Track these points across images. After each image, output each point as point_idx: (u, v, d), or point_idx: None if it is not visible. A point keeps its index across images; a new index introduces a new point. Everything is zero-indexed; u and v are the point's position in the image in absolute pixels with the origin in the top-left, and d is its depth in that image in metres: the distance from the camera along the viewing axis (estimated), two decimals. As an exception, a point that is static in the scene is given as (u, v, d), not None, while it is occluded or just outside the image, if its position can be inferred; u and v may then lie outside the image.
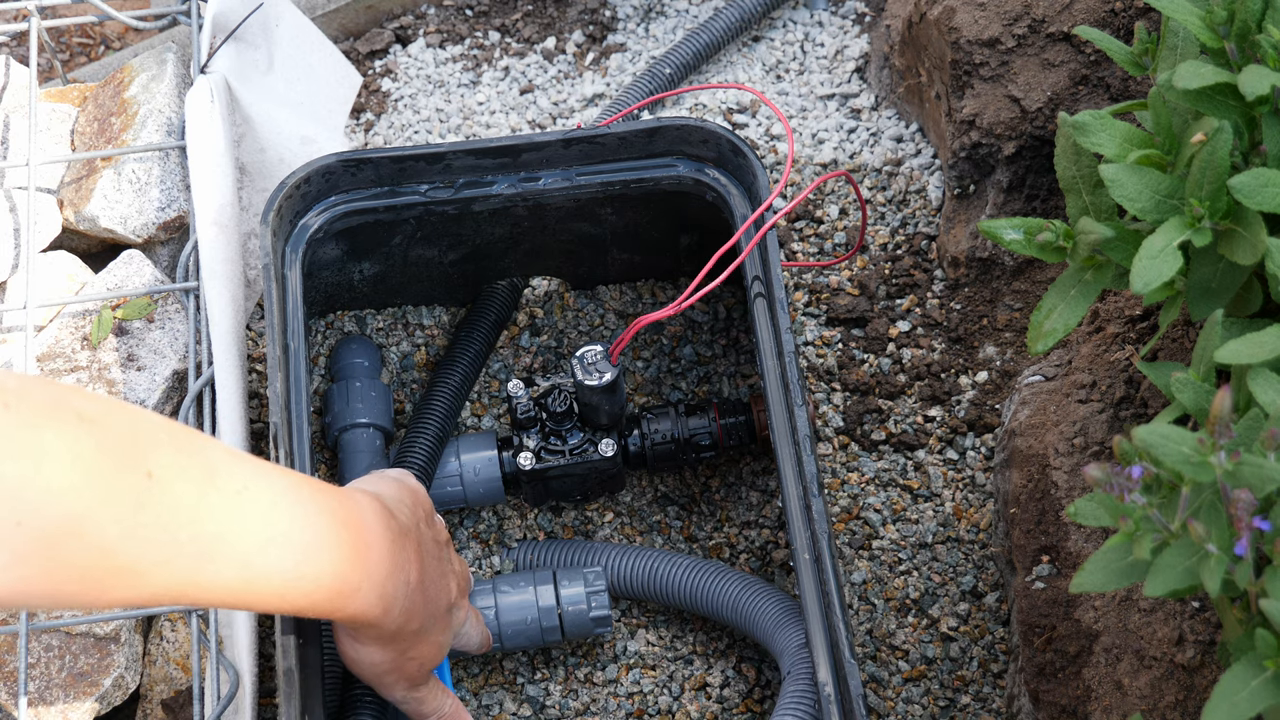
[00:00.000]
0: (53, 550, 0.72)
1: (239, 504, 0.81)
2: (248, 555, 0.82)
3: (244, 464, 0.83)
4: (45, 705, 1.04)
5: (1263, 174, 0.77)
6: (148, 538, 0.76)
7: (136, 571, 0.76)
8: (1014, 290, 1.24)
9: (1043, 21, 1.19)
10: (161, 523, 0.77)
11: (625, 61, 1.42)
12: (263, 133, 1.22)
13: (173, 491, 0.77)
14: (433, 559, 0.96)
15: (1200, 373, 0.77)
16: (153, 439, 0.78)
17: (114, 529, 0.74)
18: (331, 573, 0.86)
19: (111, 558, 0.75)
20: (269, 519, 0.83)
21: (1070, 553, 0.98)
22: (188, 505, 0.78)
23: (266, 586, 0.84)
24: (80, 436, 0.73)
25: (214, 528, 0.80)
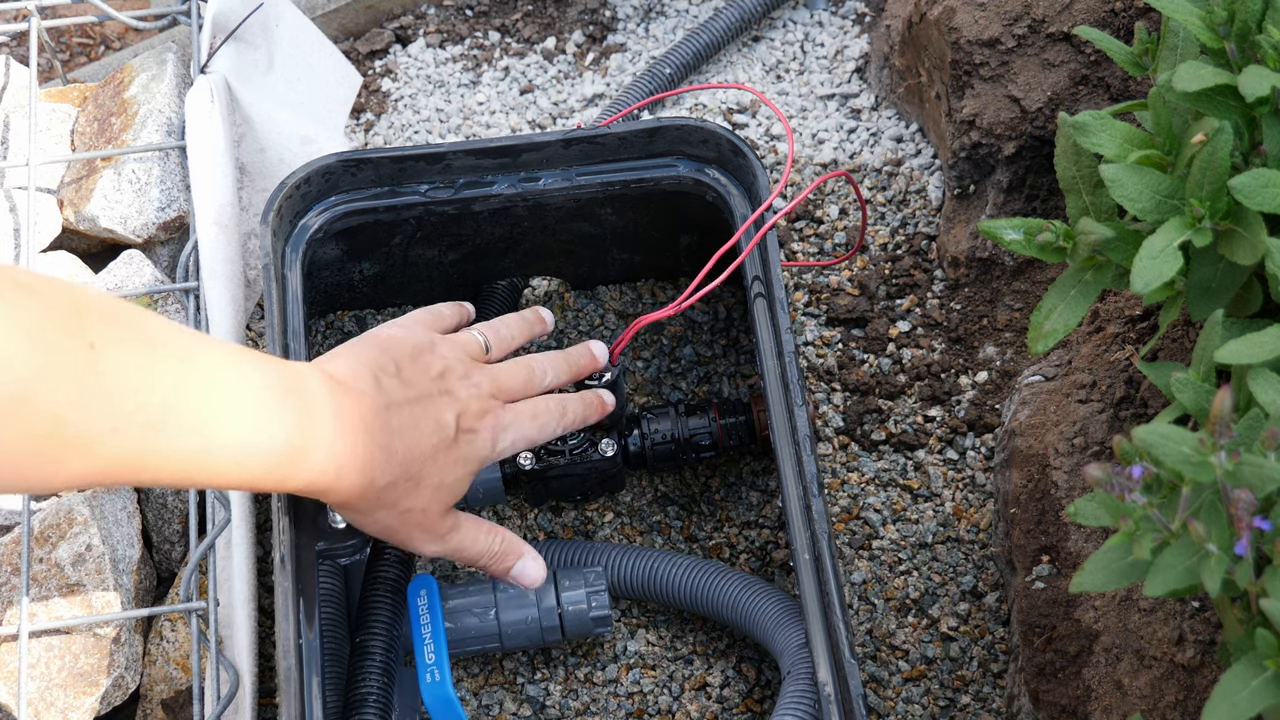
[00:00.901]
0: (4, 420, 0.73)
1: (184, 373, 0.82)
2: (197, 424, 0.82)
3: (184, 335, 0.84)
4: (45, 705, 1.04)
5: (1263, 174, 0.77)
6: (96, 406, 0.77)
7: (88, 441, 0.77)
8: (1014, 290, 1.24)
9: (1043, 21, 1.19)
10: (108, 391, 0.77)
11: (625, 61, 1.42)
12: (263, 133, 1.22)
13: (116, 360, 0.78)
14: (399, 408, 0.94)
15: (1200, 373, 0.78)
16: (93, 309, 0.78)
17: (62, 396, 0.75)
18: (282, 439, 0.86)
19: (63, 427, 0.75)
20: (215, 387, 0.84)
21: (1070, 553, 0.98)
22: (132, 374, 0.79)
23: (221, 456, 0.84)
24: (22, 305, 0.74)
25: (160, 397, 0.80)
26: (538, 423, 1.02)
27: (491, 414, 0.99)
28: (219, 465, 0.85)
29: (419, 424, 0.95)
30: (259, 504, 1.14)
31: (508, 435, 1.00)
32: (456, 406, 0.97)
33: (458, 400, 0.98)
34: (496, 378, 1.01)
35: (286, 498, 1.01)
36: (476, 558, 1.00)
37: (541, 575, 1.03)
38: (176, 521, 1.14)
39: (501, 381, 1.01)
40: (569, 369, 1.07)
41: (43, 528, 1.09)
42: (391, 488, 0.93)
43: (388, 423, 0.93)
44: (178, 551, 1.14)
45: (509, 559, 1.02)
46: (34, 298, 0.75)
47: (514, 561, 1.02)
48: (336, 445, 0.90)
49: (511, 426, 1.00)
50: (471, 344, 1.03)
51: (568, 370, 1.07)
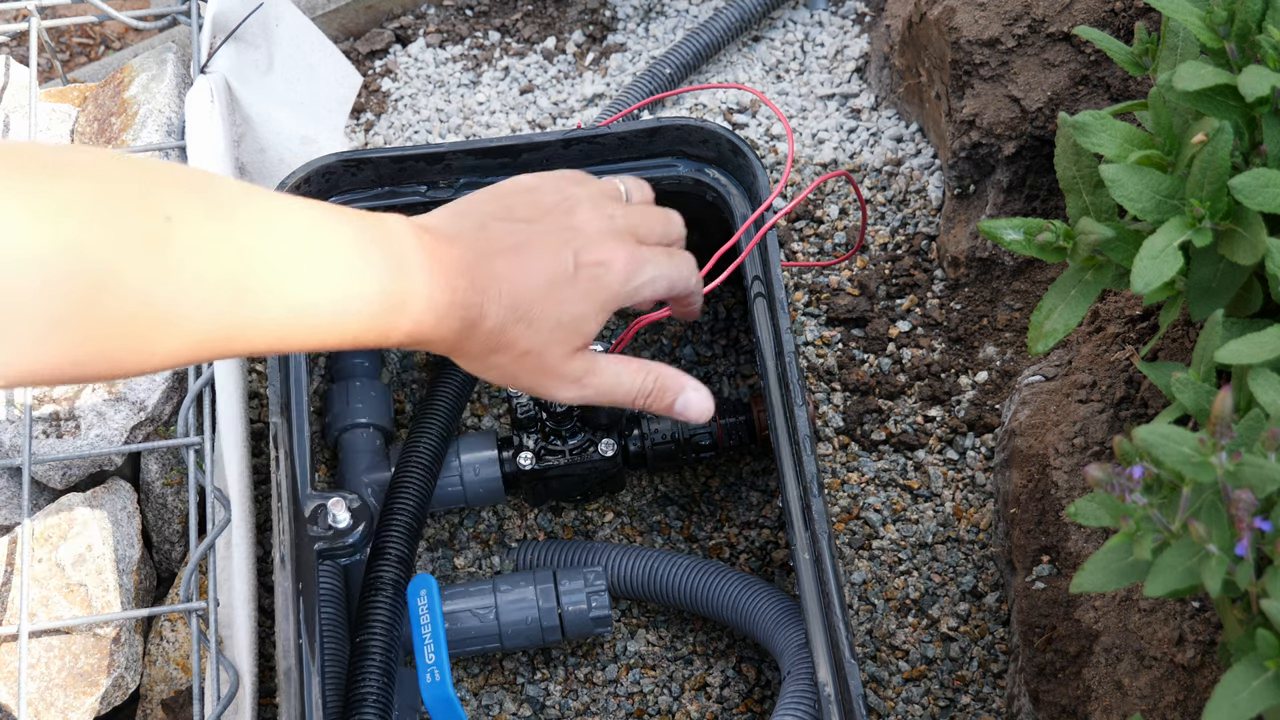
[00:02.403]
0: (89, 307, 0.69)
1: (266, 236, 0.77)
2: (286, 288, 0.78)
3: (260, 197, 0.80)
4: (45, 705, 1.04)
5: (1263, 174, 0.77)
6: (180, 280, 0.73)
7: (177, 317, 0.73)
8: (1014, 290, 1.24)
9: (1043, 21, 1.19)
10: (190, 264, 0.73)
11: (625, 61, 1.42)
12: (263, 133, 1.22)
13: (195, 231, 0.73)
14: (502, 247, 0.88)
15: (1200, 373, 0.77)
16: (163, 181, 0.75)
17: (144, 275, 0.71)
18: (376, 291, 0.81)
19: (150, 305, 0.72)
20: (299, 248, 0.79)
21: (1070, 553, 0.98)
22: (213, 243, 0.74)
23: (314, 317, 0.79)
24: (91, 188, 0.70)
25: (245, 263, 0.76)
26: (676, 263, 0.94)
27: (625, 247, 0.91)
28: (313, 326, 0.80)
29: (527, 261, 0.88)
30: (259, 504, 1.14)
31: (646, 270, 0.91)
32: (578, 239, 0.89)
33: (579, 233, 0.90)
34: (634, 214, 0.93)
35: (288, 497, 1.01)
36: (629, 398, 0.92)
37: (710, 407, 0.94)
38: (176, 521, 1.14)
39: (641, 219, 0.94)
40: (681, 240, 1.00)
41: (43, 528, 1.09)
42: (500, 330, 0.86)
43: (490, 264, 0.87)
44: (178, 551, 1.14)
45: (668, 394, 0.94)
46: (103, 180, 0.71)
47: (675, 396, 0.94)
48: (433, 292, 0.84)
49: (650, 262, 0.92)
50: (608, 185, 0.96)
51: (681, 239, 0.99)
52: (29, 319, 0.67)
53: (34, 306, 0.67)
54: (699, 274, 0.97)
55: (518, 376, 0.89)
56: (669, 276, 0.93)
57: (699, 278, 0.97)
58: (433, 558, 1.17)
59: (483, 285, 0.86)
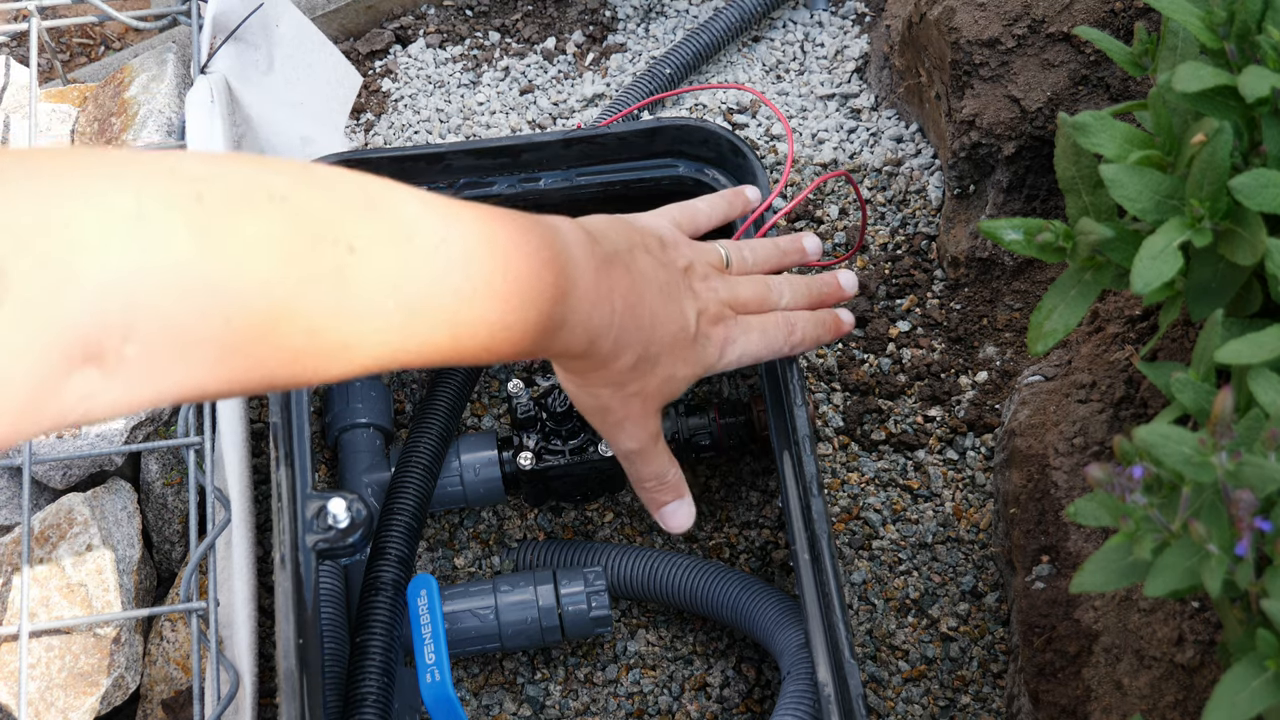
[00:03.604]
0: (261, 341, 0.69)
1: (438, 260, 0.77)
2: (455, 312, 0.78)
3: (436, 213, 0.79)
4: (45, 705, 1.04)
5: (1263, 174, 0.77)
6: (355, 312, 0.73)
7: (346, 346, 0.73)
8: (1014, 290, 1.24)
9: (1043, 21, 1.19)
10: (367, 295, 0.73)
11: (625, 61, 1.42)
12: (263, 133, 1.22)
13: (374, 261, 0.73)
14: (653, 286, 0.91)
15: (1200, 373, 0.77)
16: (348, 206, 0.74)
17: (320, 309, 0.71)
18: (537, 314, 0.83)
19: (320, 337, 0.72)
20: (470, 271, 0.79)
21: (1070, 553, 0.98)
22: (391, 272, 0.74)
23: (474, 340, 0.80)
24: (276, 220, 0.69)
25: (418, 289, 0.76)
26: (765, 338, 0.99)
27: (724, 322, 0.96)
28: (471, 348, 0.80)
29: (668, 308, 0.92)
30: (259, 504, 1.14)
31: (735, 348, 0.97)
32: (698, 304, 0.94)
33: (698, 299, 0.95)
34: (733, 287, 0.98)
35: (288, 497, 1.01)
36: (652, 475, 0.98)
37: (689, 524, 1.01)
38: (176, 521, 1.14)
39: (738, 292, 0.98)
40: (808, 294, 1.04)
41: (43, 528, 1.09)
42: (632, 368, 0.90)
43: (643, 299, 0.90)
44: (178, 551, 1.14)
45: (673, 494, 1.00)
46: (288, 209, 0.70)
47: (674, 499, 1.00)
48: (593, 316, 0.86)
49: (740, 340, 0.97)
50: (712, 252, 1.00)
51: (807, 295, 1.04)
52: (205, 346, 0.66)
53: (211, 336, 0.67)
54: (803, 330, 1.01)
55: (610, 411, 0.94)
56: (755, 354, 0.98)
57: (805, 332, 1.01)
58: (433, 558, 1.17)
59: (635, 316, 0.89)
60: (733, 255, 1.01)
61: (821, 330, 1.03)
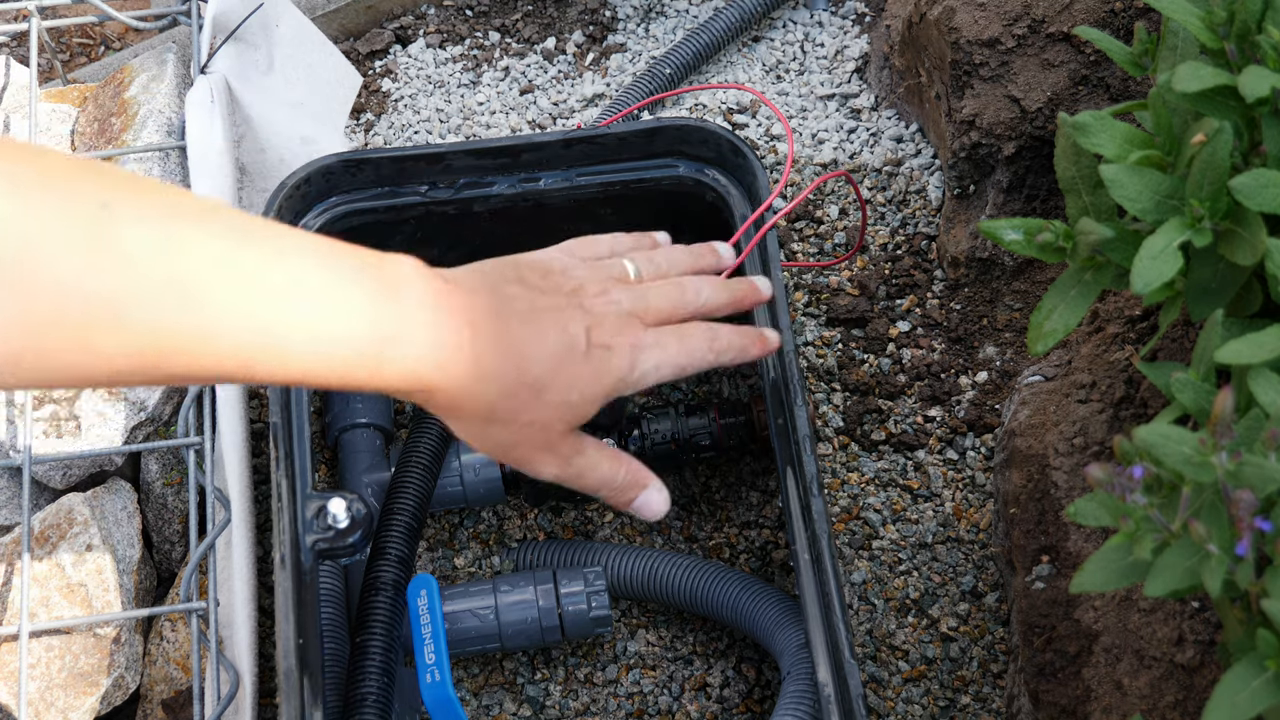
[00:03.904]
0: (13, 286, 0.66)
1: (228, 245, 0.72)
2: (251, 303, 0.72)
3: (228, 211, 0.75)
4: (45, 705, 1.04)
5: (1263, 174, 0.77)
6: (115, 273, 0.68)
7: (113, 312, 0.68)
8: (1014, 290, 1.24)
9: (1043, 21, 1.19)
10: (128, 257, 0.68)
11: (625, 61, 1.42)
12: (263, 133, 1.22)
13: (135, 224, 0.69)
14: (518, 311, 0.85)
15: (1200, 373, 0.77)
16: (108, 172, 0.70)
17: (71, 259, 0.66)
18: (366, 321, 0.77)
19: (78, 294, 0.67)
20: (270, 261, 0.73)
21: (1070, 553, 0.98)
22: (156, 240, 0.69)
23: (287, 341, 0.74)
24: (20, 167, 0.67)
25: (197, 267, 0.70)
26: (685, 345, 0.91)
27: (630, 331, 0.89)
28: (287, 352, 0.74)
29: (541, 330, 0.85)
30: (259, 504, 1.14)
31: (650, 356, 0.89)
32: (587, 319, 0.87)
33: (589, 314, 0.88)
34: (640, 295, 0.91)
35: (288, 497, 1.01)
36: (598, 486, 0.91)
37: (665, 508, 0.93)
38: (176, 521, 1.14)
39: (647, 299, 0.91)
40: (728, 293, 0.97)
41: (43, 528, 1.09)
42: (509, 396, 0.83)
43: (505, 324, 0.84)
44: (178, 551, 1.14)
45: (632, 490, 0.92)
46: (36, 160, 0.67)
47: (637, 493, 0.92)
48: (438, 334, 0.80)
49: (653, 348, 0.89)
50: (614, 267, 0.93)
51: (727, 293, 0.97)
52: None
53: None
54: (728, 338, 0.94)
55: (512, 448, 0.86)
56: (675, 363, 0.91)
57: (730, 340, 0.94)
58: (433, 558, 1.17)
59: (496, 343, 0.83)
60: (642, 266, 0.95)
61: (747, 341, 0.96)
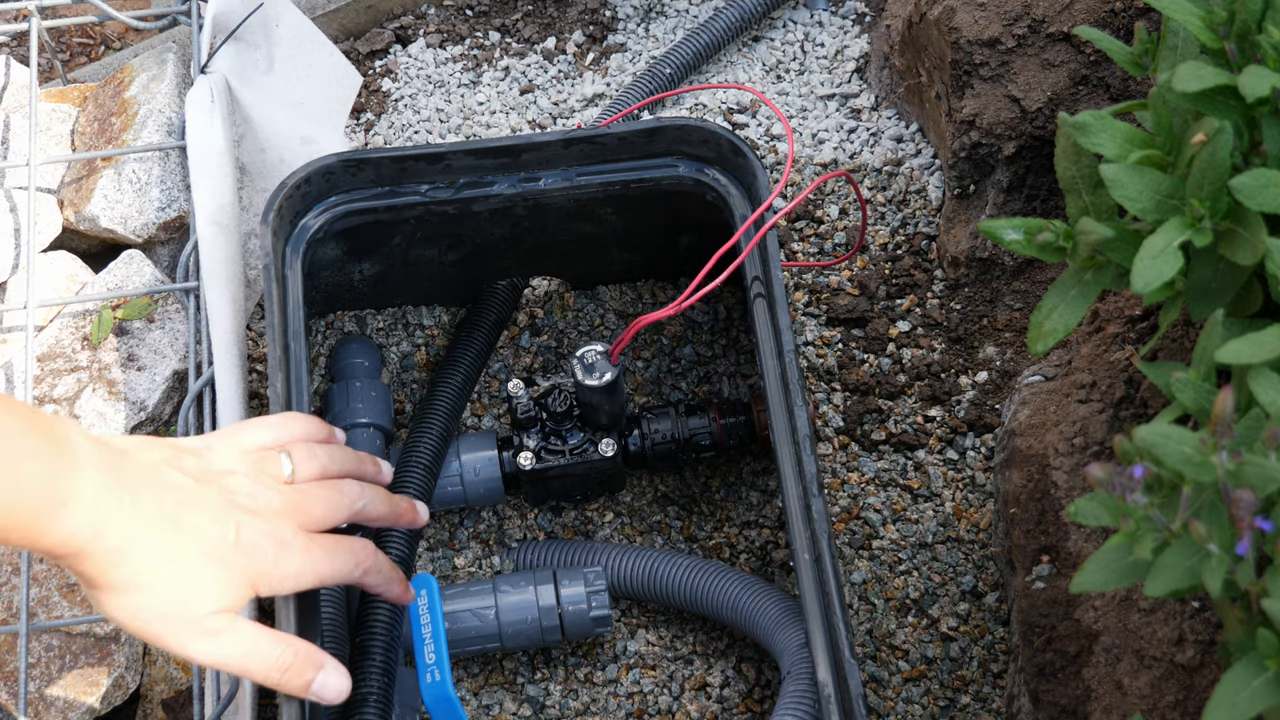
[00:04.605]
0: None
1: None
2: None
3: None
4: (45, 705, 1.04)
5: (1263, 174, 0.77)
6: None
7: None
8: (1014, 290, 1.24)
9: (1043, 21, 1.19)
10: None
11: (625, 61, 1.42)
12: (263, 133, 1.22)
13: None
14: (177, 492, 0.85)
15: (1200, 373, 0.77)
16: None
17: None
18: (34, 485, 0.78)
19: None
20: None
21: (1070, 553, 0.98)
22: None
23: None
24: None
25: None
26: (332, 560, 0.91)
27: (279, 534, 0.89)
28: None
29: (194, 513, 0.86)
30: (259, 504, 1.14)
31: (293, 560, 0.89)
32: (238, 516, 0.88)
33: (241, 511, 0.88)
34: (293, 498, 0.91)
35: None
36: (262, 670, 0.88)
37: (346, 688, 0.91)
38: (176, 521, 1.14)
39: (302, 503, 0.91)
40: (389, 509, 0.98)
41: (43, 528, 1.09)
42: (154, 567, 0.83)
43: (162, 504, 0.84)
44: (178, 551, 1.14)
45: (307, 671, 0.90)
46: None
47: (311, 675, 0.90)
48: (101, 500, 0.81)
49: (301, 551, 0.90)
50: (271, 462, 0.93)
51: (387, 508, 0.97)
52: None
53: None
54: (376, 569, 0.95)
55: (153, 621, 0.85)
56: (317, 571, 0.90)
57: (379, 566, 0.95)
58: (433, 558, 1.17)
59: (151, 513, 0.83)
60: (299, 463, 0.94)
61: (392, 583, 0.96)
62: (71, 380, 1.14)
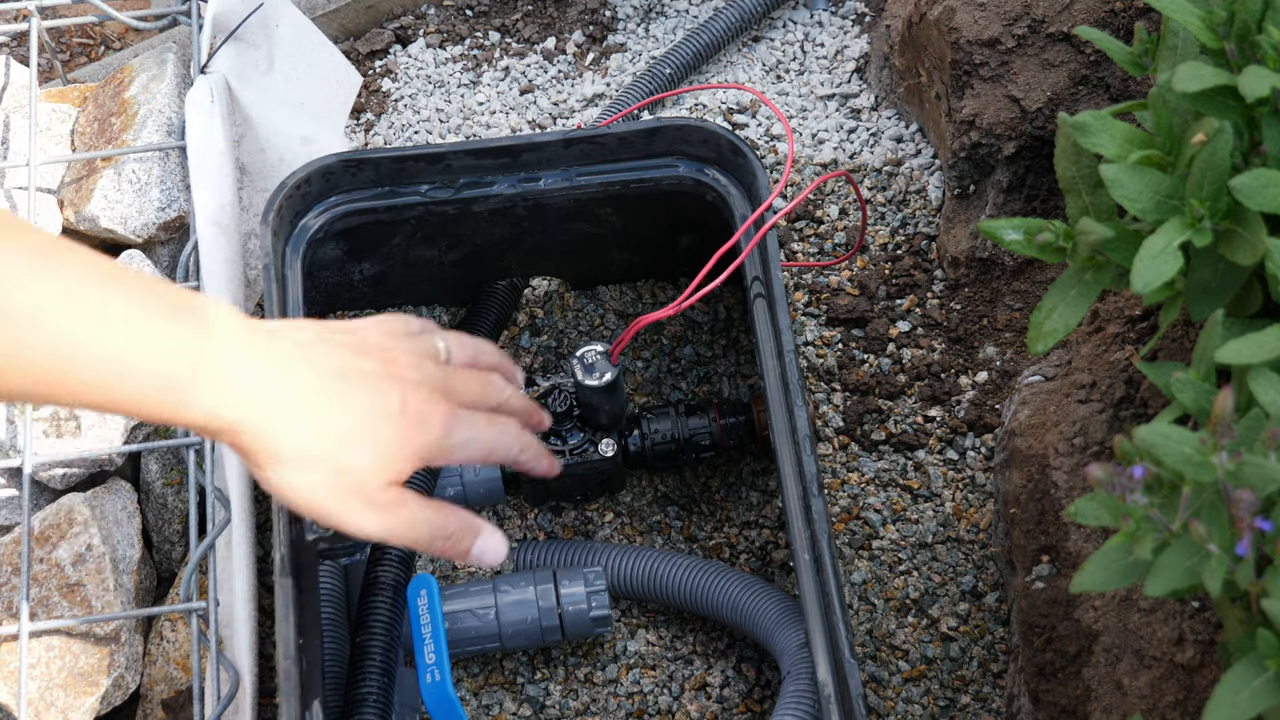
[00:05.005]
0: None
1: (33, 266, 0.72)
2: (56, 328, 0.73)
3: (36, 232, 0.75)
4: (45, 705, 1.04)
5: (1263, 174, 0.77)
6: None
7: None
8: (1014, 290, 1.24)
9: (1043, 21, 1.19)
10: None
11: (625, 61, 1.42)
12: (263, 133, 1.22)
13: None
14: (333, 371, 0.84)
15: (1200, 373, 0.77)
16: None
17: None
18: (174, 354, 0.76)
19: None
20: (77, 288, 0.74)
21: (1070, 553, 0.98)
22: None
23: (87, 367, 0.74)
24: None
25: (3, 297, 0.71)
26: (496, 436, 0.91)
27: (443, 406, 0.88)
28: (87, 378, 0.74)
29: (355, 388, 0.84)
30: (259, 504, 1.14)
31: (462, 431, 0.88)
32: (401, 388, 0.86)
33: (403, 381, 0.87)
34: (449, 377, 0.91)
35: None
36: (428, 538, 0.88)
37: (503, 551, 0.91)
38: (176, 521, 1.14)
39: (454, 382, 0.91)
40: (524, 407, 0.97)
41: (43, 528, 1.09)
42: (322, 438, 0.82)
43: (319, 377, 0.83)
44: (178, 551, 1.14)
45: (466, 538, 0.90)
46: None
47: (471, 541, 0.90)
48: (245, 373, 0.79)
49: (466, 427, 0.89)
50: (428, 344, 0.92)
51: (523, 406, 0.97)
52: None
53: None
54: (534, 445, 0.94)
55: (325, 496, 0.84)
56: (485, 443, 0.90)
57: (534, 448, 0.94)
58: (433, 557, 1.17)
59: (311, 393, 0.82)
60: (452, 346, 0.94)
61: (541, 458, 0.95)
62: (71, 380, 1.14)
